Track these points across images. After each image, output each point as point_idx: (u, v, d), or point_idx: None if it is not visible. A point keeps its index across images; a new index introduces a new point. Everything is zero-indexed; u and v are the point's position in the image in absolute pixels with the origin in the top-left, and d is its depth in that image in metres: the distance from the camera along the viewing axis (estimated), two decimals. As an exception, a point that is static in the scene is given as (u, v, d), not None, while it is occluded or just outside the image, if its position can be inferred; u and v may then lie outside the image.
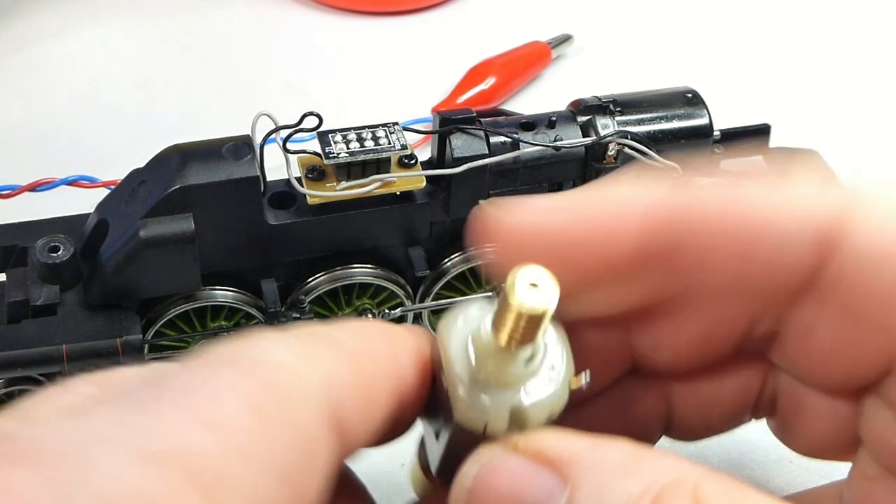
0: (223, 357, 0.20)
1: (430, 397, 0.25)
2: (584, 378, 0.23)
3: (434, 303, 0.37)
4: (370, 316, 0.36)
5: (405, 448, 0.27)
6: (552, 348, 0.23)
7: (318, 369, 0.20)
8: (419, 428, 0.26)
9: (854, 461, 0.21)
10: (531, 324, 0.21)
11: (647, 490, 0.18)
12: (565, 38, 0.54)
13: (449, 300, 0.38)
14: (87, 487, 0.16)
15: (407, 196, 0.35)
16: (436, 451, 0.25)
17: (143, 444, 0.17)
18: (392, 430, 0.24)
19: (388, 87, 0.53)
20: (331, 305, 0.36)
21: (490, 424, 0.23)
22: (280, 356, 0.20)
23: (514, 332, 0.22)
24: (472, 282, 0.38)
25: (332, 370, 0.21)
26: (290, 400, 0.19)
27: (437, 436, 0.25)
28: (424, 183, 0.35)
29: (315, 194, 0.34)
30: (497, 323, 0.22)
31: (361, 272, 0.36)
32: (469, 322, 0.23)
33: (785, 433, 0.23)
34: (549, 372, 0.23)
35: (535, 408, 0.23)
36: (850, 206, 0.17)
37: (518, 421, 0.23)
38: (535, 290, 0.21)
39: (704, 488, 0.17)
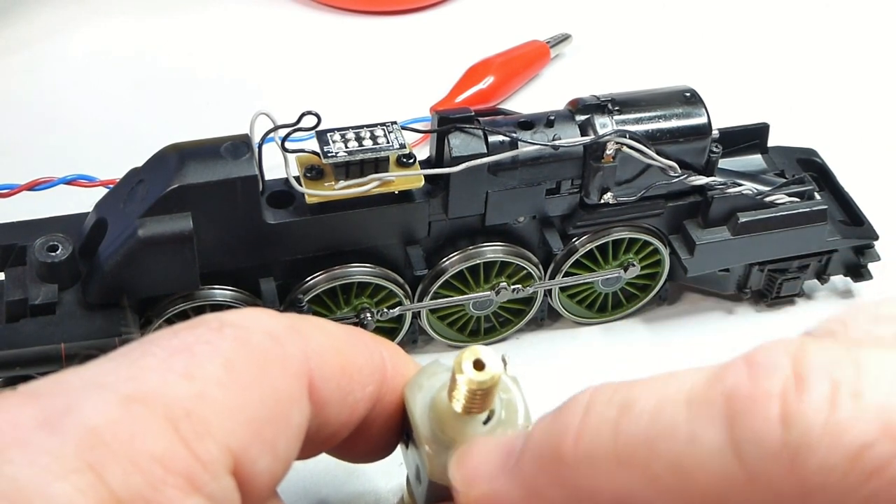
0: (209, 322, 0.23)
1: (409, 432, 0.27)
2: None
3: (432, 302, 0.37)
4: (369, 315, 0.36)
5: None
6: (509, 403, 0.25)
7: (301, 342, 0.24)
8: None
9: None
10: (483, 395, 0.24)
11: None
12: (564, 38, 0.54)
13: (447, 299, 0.38)
14: (74, 418, 0.19)
15: (405, 195, 0.35)
16: (419, 490, 0.27)
17: (126, 389, 0.20)
18: (376, 441, 0.27)
19: (386, 86, 0.53)
20: (329, 304, 0.36)
21: None
22: (266, 324, 0.23)
23: (468, 403, 0.24)
24: (470, 280, 0.38)
25: (316, 347, 0.24)
26: (266, 360, 0.22)
27: (418, 476, 0.27)
28: (423, 182, 0.35)
29: (313, 193, 0.34)
30: (452, 395, 0.24)
31: (360, 271, 0.36)
32: (430, 388, 0.26)
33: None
34: (508, 425, 0.25)
35: None
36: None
37: None
38: (482, 366, 0.23)
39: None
